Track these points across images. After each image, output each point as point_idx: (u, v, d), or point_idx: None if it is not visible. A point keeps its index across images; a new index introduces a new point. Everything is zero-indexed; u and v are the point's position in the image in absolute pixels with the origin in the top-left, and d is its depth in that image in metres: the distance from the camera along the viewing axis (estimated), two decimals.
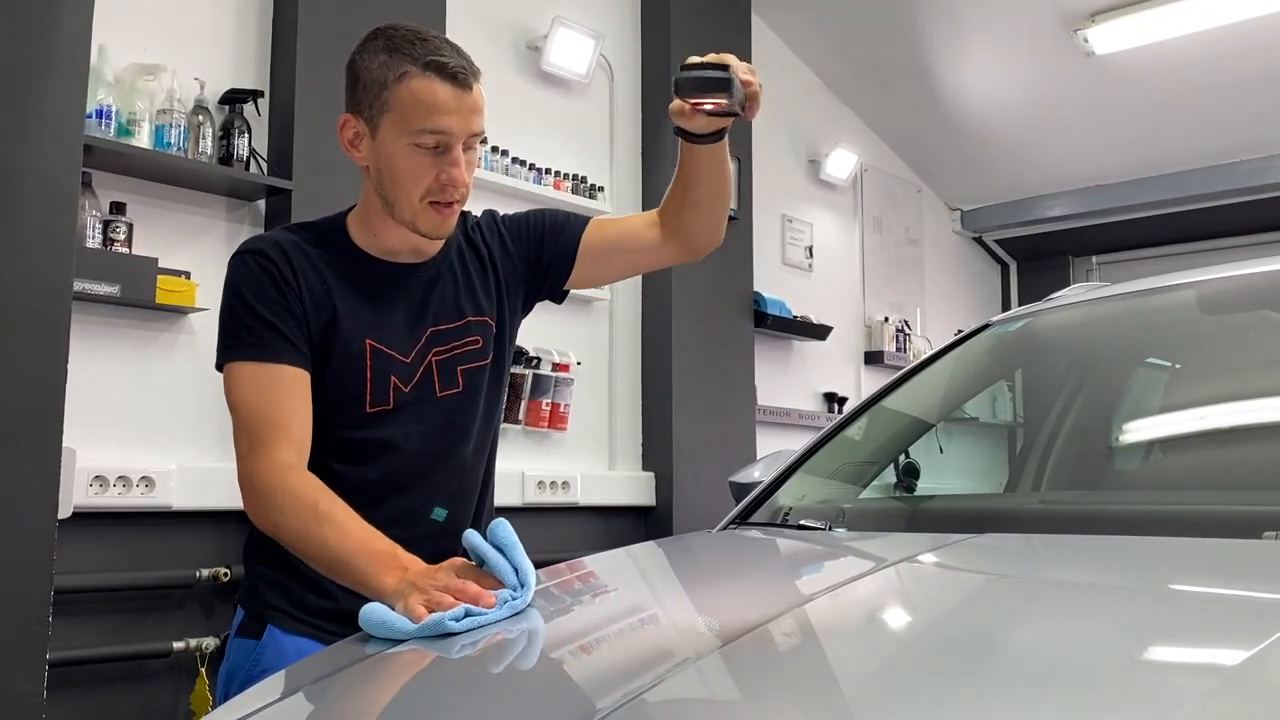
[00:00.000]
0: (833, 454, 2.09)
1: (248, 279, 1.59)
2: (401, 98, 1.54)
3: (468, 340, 1.68)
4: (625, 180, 4.61)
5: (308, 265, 1.61)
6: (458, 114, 1.54)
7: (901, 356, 5.92)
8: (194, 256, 3.22)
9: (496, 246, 1.75)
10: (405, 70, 1.53)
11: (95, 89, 2.92)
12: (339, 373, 1.60)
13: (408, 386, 1.63)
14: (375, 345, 1.61)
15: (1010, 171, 6.28)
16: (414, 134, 1.54)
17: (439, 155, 1.56)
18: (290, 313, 1.58)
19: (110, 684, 2.97)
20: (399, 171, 1.57)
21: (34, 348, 2.10)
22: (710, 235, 1.79)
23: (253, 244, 1.64)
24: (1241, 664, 0.85)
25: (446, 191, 1.57)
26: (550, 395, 4.14)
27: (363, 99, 1.58)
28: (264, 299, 1.57)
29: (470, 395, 1.68)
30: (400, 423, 1.63)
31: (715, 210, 1.77)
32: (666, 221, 1.78)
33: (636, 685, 0.96)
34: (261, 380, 1.55)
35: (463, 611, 1.26)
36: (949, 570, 1.39)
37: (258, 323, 1.56)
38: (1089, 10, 4.95)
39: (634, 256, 1.84)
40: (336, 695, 1.18)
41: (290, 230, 1.67)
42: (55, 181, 2.15)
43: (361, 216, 1.68)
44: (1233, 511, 1.47)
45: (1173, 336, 2.13)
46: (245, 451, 1.54)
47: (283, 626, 1.62)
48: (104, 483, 2.93)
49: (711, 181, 1.73)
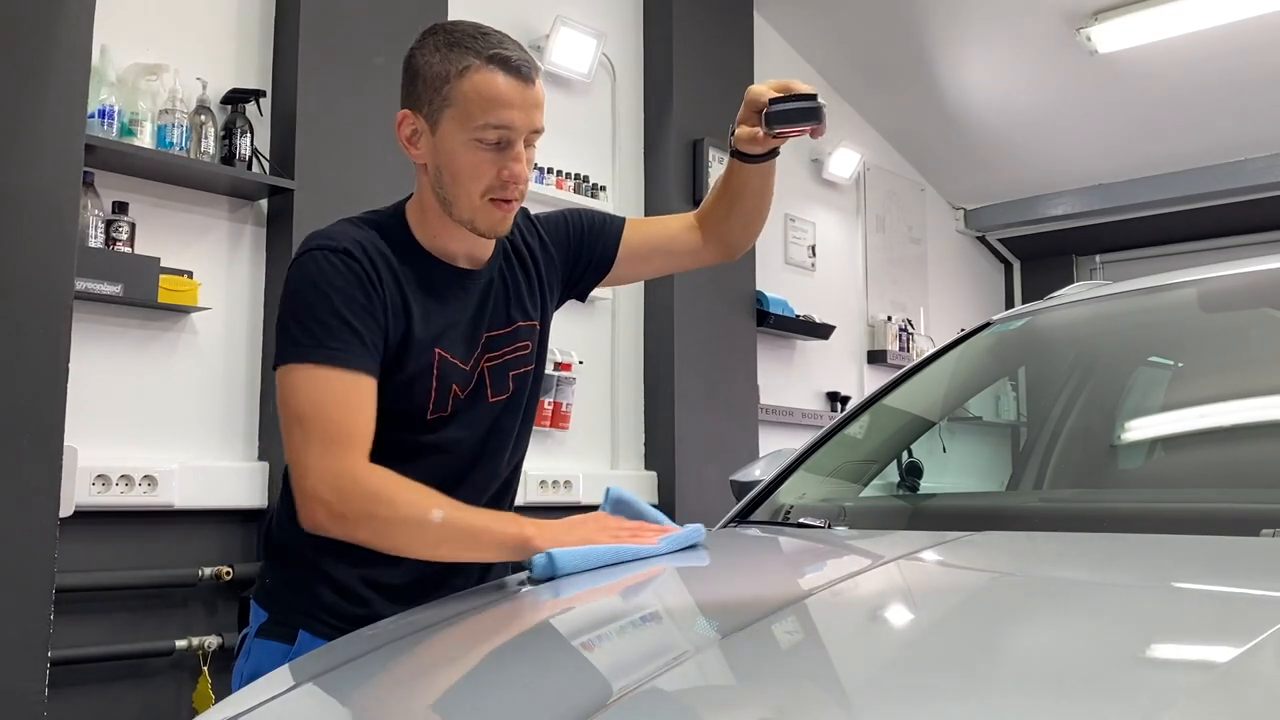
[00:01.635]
0: (833, 452, 2.09)
1: (332, 277, 1.49)
2: (464, 92, 1.51)
3: (518, 345, 1.67)
4: (627, 179, 4.62)
5: (385, 265, 1.54)
6: (521, 108, 1.52)
7: (904, 356, 5.92)
8: (196, 256, 3.23)
9: (537, 247, 1.73)
10: (468, 64, 1.51)
11: (98, 89, 2.92)
12: (408, 379, 1.56)
13: (464, 393, 1.61)
14: (443, 354, 1.58)
15: (1013, 170, 6.27)
16: (477, 129, 1.51)
17: (501, 151, 1.52)
18: (373, 317, 1.50)
19: (112, 682, 2.98)
20: (460, 168, 1.53)
21: (36, 347, 2.10)
22: (749, 239, 1.86)
23: (332, 240, 1.53)
24: (1234, 659, 0.86)
25: (508, 189, 1.54)
26: (553, 394, 4.15)
27: (422, 94, 1.54)
28: (349, 300, 1.49)
29: (517, 399, 1.67)
30: (454, 427, 1.61)
31: (759, 218, 1.83)
32: (709, 228, 1.82)
33: (635, 678, 0.96)
34: (338, 385, 1.47)
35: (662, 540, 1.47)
36: (949, 567, 1.39)
37: (341, 325, 1.48)
38: (1092, 9, 4.95)
39: (672, 260, 1.88)
40: (339, 689, 1.19)
41: (358, 226, 1.58)
42: (58, 181, 2.16)
43: (420, 216, 1.61)
44: (1231, 509, 1.47)
45: (1174, 335, 2.12)
46: (318, 458, 1.45)
47: (315, 632, 1.58)
48: (106, 481, 2.94)
49: (759, 195, 1.78)
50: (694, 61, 4.72)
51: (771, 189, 1.79)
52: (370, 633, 1.35)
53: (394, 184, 3.20)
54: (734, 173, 1.74)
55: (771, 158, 1.72)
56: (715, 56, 4.81)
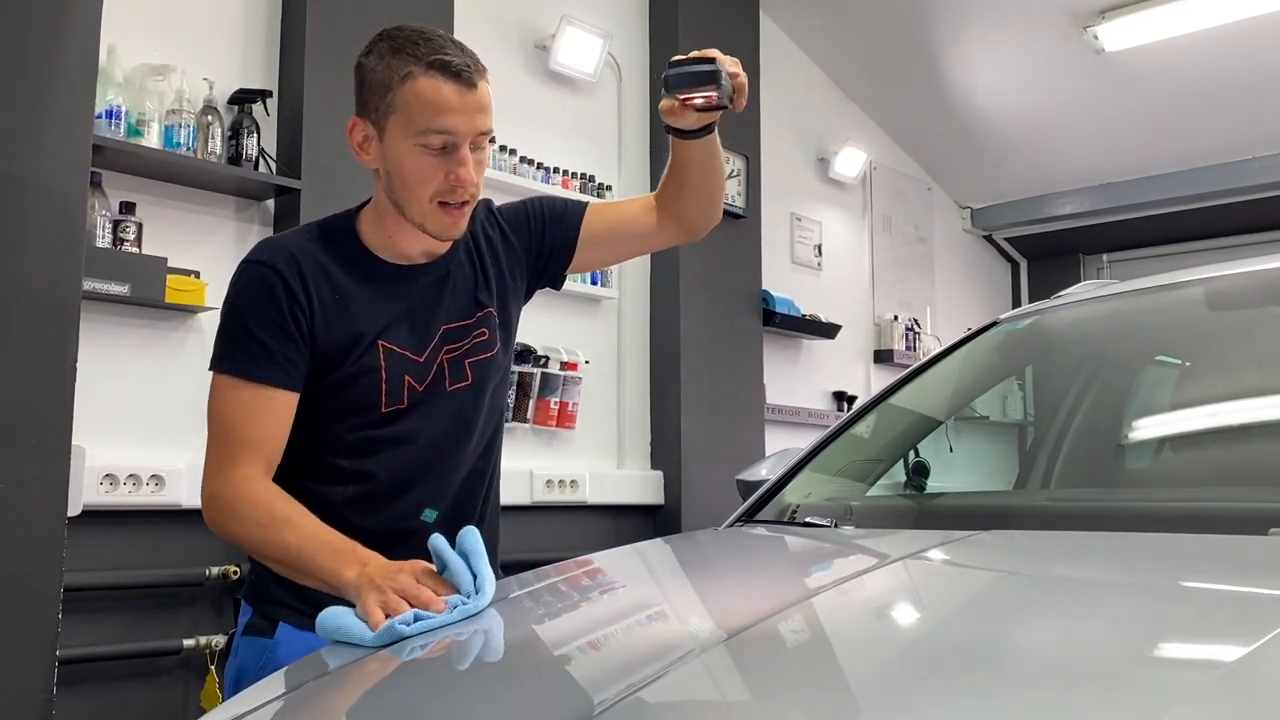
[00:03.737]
0: (840, 452, 2.09)
1: (248, 292, 1.58)
2: (406, 98, 1.53)
3: (476, 334, 1.69)
4: (633, 179, 4.61)
5: (319, 273, 1.59)
6: (463, 113, 1.53)
7: (911, 355, 5.91)
8: (203, 256, 3.23)
9: (498, 238, 1.75)
10: (409, 70, 1.52)
11: (105, 89, 2.93)
12: (354, 376, 1.60)
13: (421, 385, 1.63)
14: (388, 346, 1.61)
15: (1020, 169, 6.26)
16: (420, 135, 1.53)
17: (446, 156, 1.55)
18: (286, 332, 1.56)
19: (120, 681, 2.99)
20: (407, 173, 1.56)
21: (44, 346, 2.11)
22: (708, 217, 1.84)
23: (263, 254, 1.61)
24: (1241, 659, 0.85)
25: (455, 192, 1.56)
26: (559, 394, 4.15)
27: (369, 101, 1.58)
28: (261, 315, 1.56)
29: (478, 387, 1.69)
30: (413, 419, 1.63)
31: (711, 196, 1.81)
32: (665, 207, 1.81)
33: (641, 677, 0.96)
34: (242, 396, 1.55)
35: (413, 616, 1.27)
36: (955, 566, 1.39)
37: (249, 339, 1.55)
38: (1099, 8, 4.94)
39: (634, 242, 1.89)
40: (336, 692, 1.19)
41: (301, 233, 1.65)
42: (65, 181, 2.16)
43: (375, 219, 1.66)
44: (1238, 508, 1.47)
45: (1181, 334, 2.12)
46: (211, 464, 1.55)
47: (295, 624, 1.61)
48: (114, 481, 2.95)
49: (705, 172, 1.77)
50: None
51: (719, 166, 1.79)
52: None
53: None
54: (675, 150, 1.75)
55: (708, 133, 1.71)
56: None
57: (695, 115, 1.65)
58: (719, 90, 1.58)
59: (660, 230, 1.83)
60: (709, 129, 1.70)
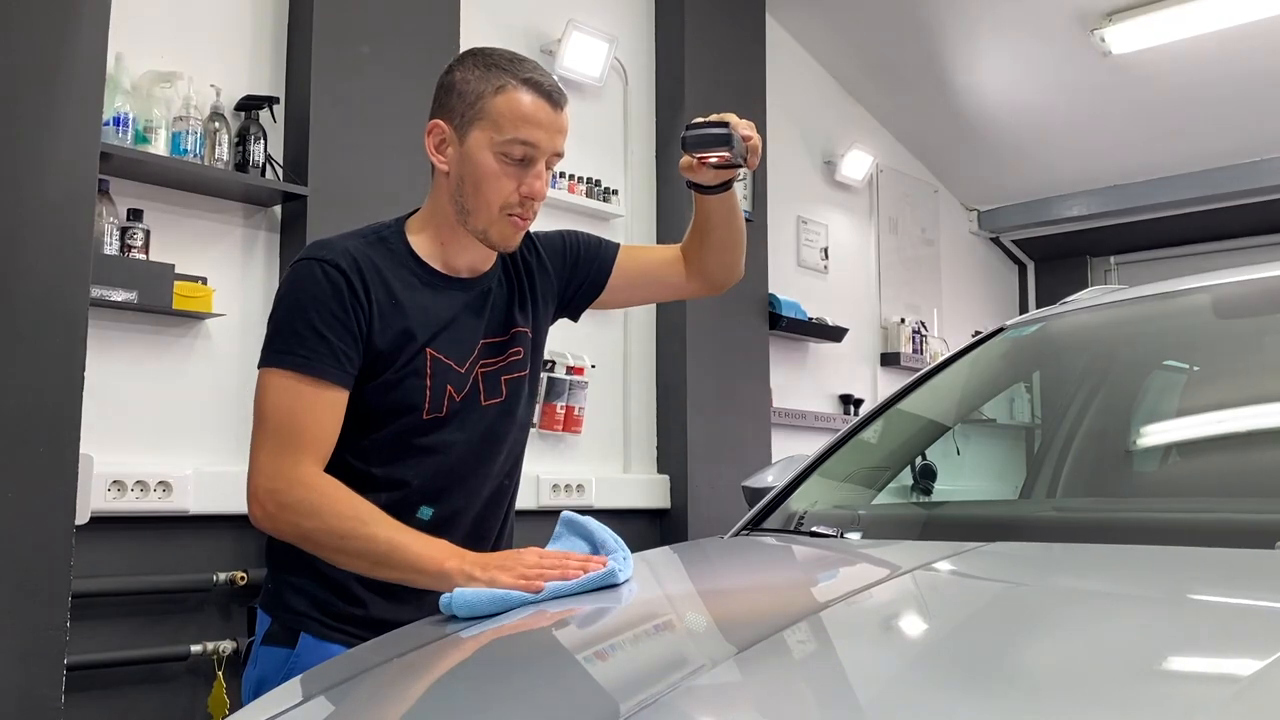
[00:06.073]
0: (847, 458, 2.08)
1: (311, 287, 1.59)
2: (497, 107, 1.60)
3: (512, 352, 1.73)
4: (639, 183, 4.62)
5: (376, 275, 1.62)
6: (547, 129, 1.61)
7: (918, 358, 5.90)
8: (210, 262, 3.24)
9: (534, 262, 1.81)
10: (504, 83, 1.61)
11: (112, 96, 2.94)
12: (400, 380, 1.62)
13: (460, 396, 1.67)
14: (436, 355, 1.64)
15: (1027, 172, 6.25)
16: (504, 143, 1.60)
17: (523, 168, 1.62)
18: (347, 329, 1.58)
19: (128, 687, 2.99)
20: (482, 179, 1.61)
21: (52, 354, 2.11)
22: (730, 273, 1.93)
23: (323, 251, 1.62)
24: (1252, 676, 0.85)
25: (525, 204, 1.63)
26: (565, 398, 4.15)
27: (455, 106, 1.63)
28: (324, 311, 1.57)
29: (509, 404, 1.73)
30: (449, 430, 1.66)
31: (733, 251, 1.91)
32: (690, 262, 1.91)
33: (652, 692, 0.96)
34: (301, 390, 1.55)
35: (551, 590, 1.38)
36: (964, 578, 1.39)
37: (311, 334, 1.56)
38: (1106, 10, 4.93)
39: (659, 289, 1.99)
40: (355, 699, 1.19)
41: (353, 237, 1.68)
42: (73, 189, 2.16)
43: (428, 227, 1.70)
44: (1245, 520, 1.47)
45: (1188, 341, 2.11)
46: (265, 460, 1.54)
47: (316, 634, 1.63)
48: (122, 488, 2.95)
49: (726, 227, 1.86)
50: (706, 65, 4.71)
51: (739, 224, 1.88)
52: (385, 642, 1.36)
53: (406, 190, 3.21)
54: (697, 205, 1.84)
55: (727, 189, 1.80)
56: (727, 60, 4.81)
57: (713, 172, 1.75)
58: (732, 151, 1.68)
59: (686, 283, 1.93)
60: (727, 185, 1.79)
